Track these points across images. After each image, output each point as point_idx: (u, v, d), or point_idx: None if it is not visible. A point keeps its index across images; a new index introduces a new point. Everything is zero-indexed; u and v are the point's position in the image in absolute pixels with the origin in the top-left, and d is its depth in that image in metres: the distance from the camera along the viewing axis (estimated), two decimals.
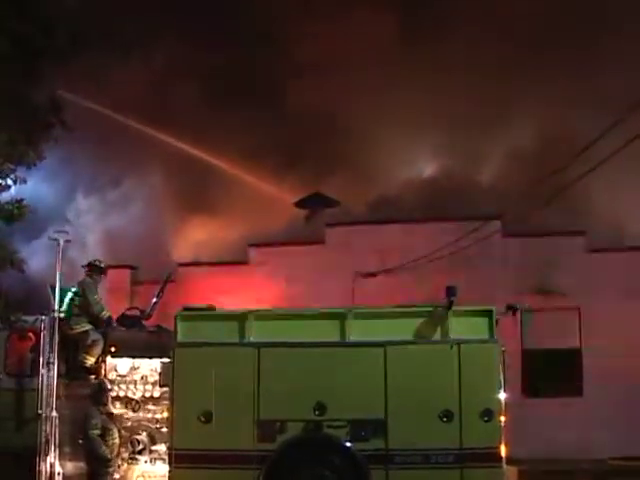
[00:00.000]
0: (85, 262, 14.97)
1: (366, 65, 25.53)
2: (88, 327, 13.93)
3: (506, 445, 12.29)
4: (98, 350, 13.71)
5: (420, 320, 12.86)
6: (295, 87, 25.40)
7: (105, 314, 14.12)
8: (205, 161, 26.19)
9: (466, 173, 24.77)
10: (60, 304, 13.72)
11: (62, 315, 13.74)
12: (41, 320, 13.58)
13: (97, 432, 12.74)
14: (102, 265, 14.77)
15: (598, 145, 13.65)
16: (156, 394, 13.54)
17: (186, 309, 13.43)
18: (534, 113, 23.92)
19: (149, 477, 13.41)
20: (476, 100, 24.18)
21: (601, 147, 13.80)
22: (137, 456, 13.39)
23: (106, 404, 13.12)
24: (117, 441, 13.19)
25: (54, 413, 13.16)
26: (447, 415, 12.40)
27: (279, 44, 25.44)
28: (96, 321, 14.06)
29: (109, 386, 13.35)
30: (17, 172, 14.05)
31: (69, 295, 14.11)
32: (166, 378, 13.19)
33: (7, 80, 13.12)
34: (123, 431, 13.43)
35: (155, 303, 14.79)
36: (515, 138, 24.41)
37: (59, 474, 13.22)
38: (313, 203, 24.79)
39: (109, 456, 12.83)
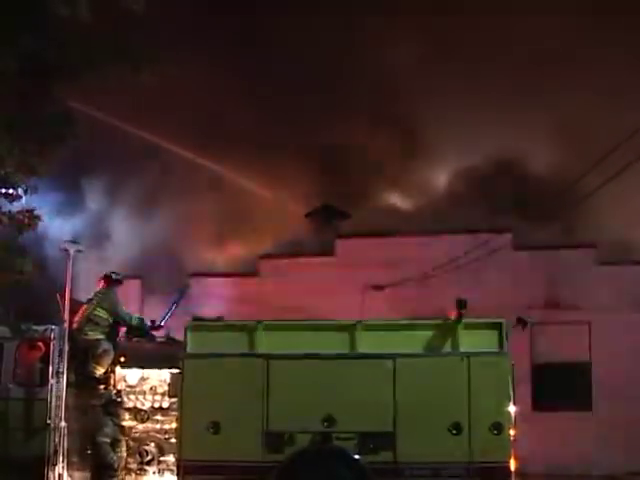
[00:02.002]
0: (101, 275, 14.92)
1: (382, 79, 25.63)
2: (101, 337, 13.94)
3: (516, 459, 12.24)
4: (108, 360, 13.71)
5: (430, 332, 12.85)
6: (307, 101, 25.45)
7: (135, 320, 14.19)
8: (216, 172, 26.24)
9: (477, 186, 24.75)
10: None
11: (75, 325, 13.79)
12: (51, 330, 13.61)
13: (107, 440, 12.74)
14: (119, 277, 14.74)
15: (610, 158, 13.66)
16: (165, 405, 13.55)
17: (196, 320, 13.46)
18: (546, 126, 23.89)
19: None
20: (489, 111, 24.19)
21: (613, 160, 13.81)
22: (145, 467, 13.38)
23: (119, 415, 13.12)
24: (125, 454, 13.19)
25: (63, 423, 13.18)
26: (456, 428, 12.36)
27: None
28: (130, 330, 14.14)
29: (123, 398, 13.37)
30: (28, 182, 14.08)
31: (90, 305, 14.15)
32: (175, 389, 13.20)
33: (19, 93, 13.17)
34: (131, 442, 13.44)
35: (168, 314, 14.79)
36: (526, 151, 24.38)
37: None
38: (324, 215, 24.80)
39: (115, 465, 12.81)
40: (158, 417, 13.57)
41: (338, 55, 25.38)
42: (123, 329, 14.38)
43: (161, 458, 13.44)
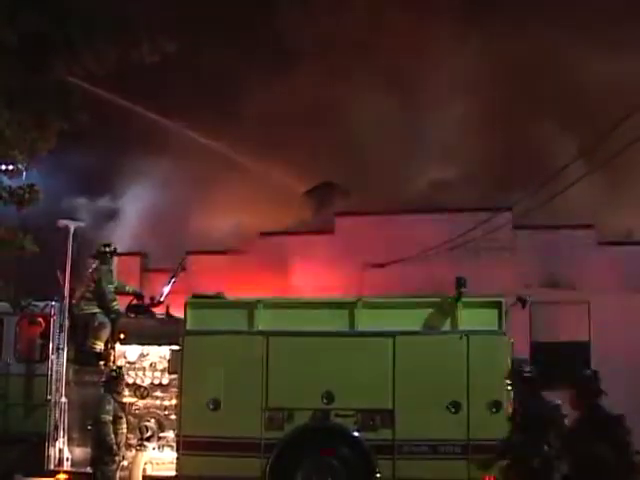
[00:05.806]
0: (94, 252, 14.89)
1: (381, 61, 25.51)
2: (96, 310, 13.95)
3: None
4: (105, 333, 13.71)
5: (429, 311, 12.87)
6: (308, 76, 25.35)
7: (115, 306, 14.10)
8: (216, 149, 26.17)
9: (477, 164, 24.70)
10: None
11: (74, 302, 13.81)
12: (51, 306, 13.63)
13: (109, 418, 12.76)
14: (109, 249, 14.68)
15: (610, 138, 13.61)
16: (165, 381, 13.59)
17: (195, 297, 13.47)
18: (547, 104, 23.81)
19: (157, 464, 13.47)
20: (489, 93, 24.11)
21: (613, 141, 13.75)
22: (145, 443, 13.44)
23: (120, 392, 13.13)
24: (125, 431, 13.21)
25: (63, 399, 13.24)
26: (455, 406, 12.42)
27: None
28: (107, 311, 14.09)
29: (123, 375, 13.38)
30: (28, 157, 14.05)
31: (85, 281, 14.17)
32: (175, 365, 13.23)
33: (18, 69, 13.10)
34: (132, 418, 13.47)
35: (167, 290, 14.79)
36: (527, 131, 24.31)
37: (68, 459, 13.31)
38: (323, 192, 24.75)
39: (114, 444, 12.80)
40: (158, 393, 13.62)
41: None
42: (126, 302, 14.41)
43: (161, 434, 13.50)
